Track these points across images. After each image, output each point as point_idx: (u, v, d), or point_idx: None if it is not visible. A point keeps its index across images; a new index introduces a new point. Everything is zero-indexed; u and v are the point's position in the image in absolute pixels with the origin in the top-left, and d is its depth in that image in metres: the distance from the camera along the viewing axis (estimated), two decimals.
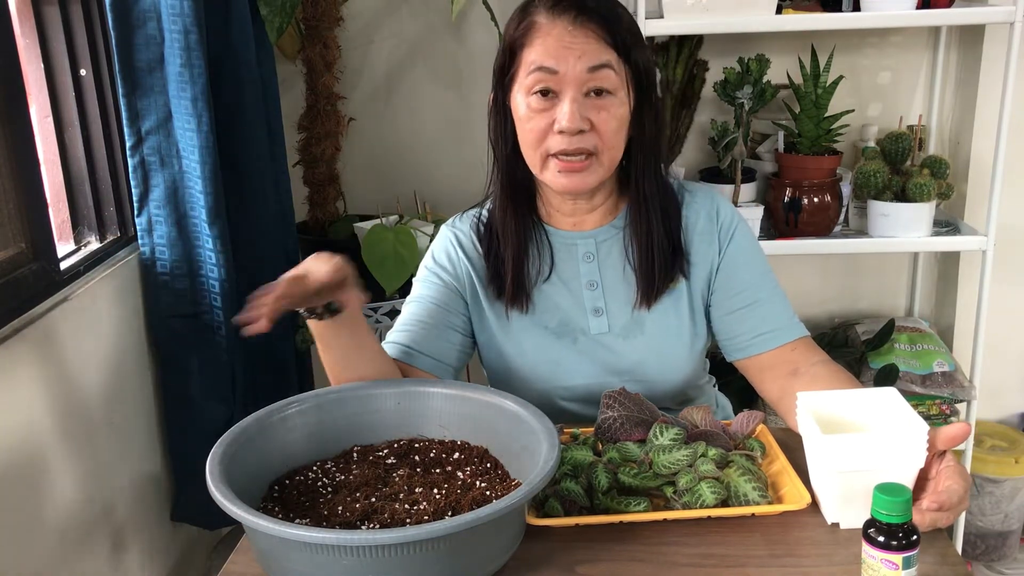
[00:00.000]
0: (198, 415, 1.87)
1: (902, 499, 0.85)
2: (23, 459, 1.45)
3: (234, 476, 0.96)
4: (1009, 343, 2.30)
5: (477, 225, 1.36)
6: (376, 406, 1.15)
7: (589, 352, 1.30)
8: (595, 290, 1.31)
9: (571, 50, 1.16)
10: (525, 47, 1.20)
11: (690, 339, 1.31)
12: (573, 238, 1.32)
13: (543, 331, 1.31)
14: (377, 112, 2.32)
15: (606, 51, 1.18)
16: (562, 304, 1.31)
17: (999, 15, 1.84)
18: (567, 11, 1.18)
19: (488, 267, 1.32)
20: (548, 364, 1.31)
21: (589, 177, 1.22)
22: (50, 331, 1.52)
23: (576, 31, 1.17)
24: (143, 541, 1.83)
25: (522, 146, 1.24)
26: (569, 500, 1.04)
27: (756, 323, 1.28)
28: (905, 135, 1.99)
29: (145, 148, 1.76)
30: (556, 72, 1.17)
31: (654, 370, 1.30)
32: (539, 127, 1.20)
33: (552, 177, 1.23)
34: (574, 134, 1.18)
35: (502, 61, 1.24)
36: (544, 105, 1.19)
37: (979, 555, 2.26)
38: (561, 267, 1.32)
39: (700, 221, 1.31)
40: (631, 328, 1.30)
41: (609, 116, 1.19)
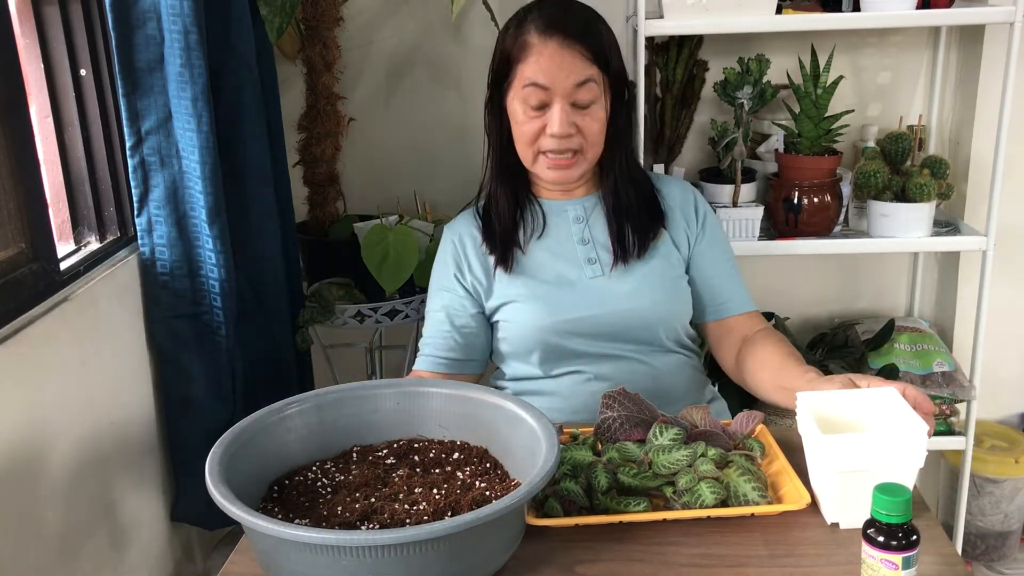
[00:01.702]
0: (198, 415, 1.87)
1: (902, 499, 0.85)
2: (23, 459, 1.45)
3: (234, 476, 0.96)
4: (1009, 343, 2.30)
5: (475, 215, 1.56)
6: (376, 406, 1.16)
7: (584, 290, 1.47)
8: (587, 245, 1.50)
9: (560, 69, 1.38)
10: (520, 62, 1.41)
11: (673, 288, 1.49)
12: (563, 205, 1.53)
13: (542, 283, 1.48)
14: (377, 112, 2.32)
15: (589, 67, 1.40)
16: (556, 261, 1.49)
17: (999, 15, 1.84)
18: (556, 34, 1.38)
19: (484, 236, 1.52)
20: (548, 304, 1.46)
21: (575, 171, 1.46)
22: (50, 331, 1.52)
23: (564, 51, 1.38)
24: (143, 541, 1.83)
25: (516, 143, 1.46)
26: (569, 500, 1.04)
27: (721, 292, 1.53)
28: (905, 135, 1.99)
29: (145, 148, 1.75)
30: (547, 88, 1.39)
31: (644, 301, 1.46)
32: (532, 130, 1.42)
33: (542, 170, 1.46)
34: (563, 138, 1.40)
35: (499, 67, 1.45)
36: (537, 113, 1.41)
37: (979, 555, 2.26)
38: (554, 229, 1.52)
39: (677, 197, 1.54)
40: (623, 272, 1.48)
41: (592, 120, 1.42)
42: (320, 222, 2.21)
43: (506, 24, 1.46)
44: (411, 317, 2.08)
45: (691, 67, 2.13)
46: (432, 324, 1.53)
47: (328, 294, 2.04)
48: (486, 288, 1.51)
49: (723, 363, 1.54)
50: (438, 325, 1.51)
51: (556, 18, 1.40)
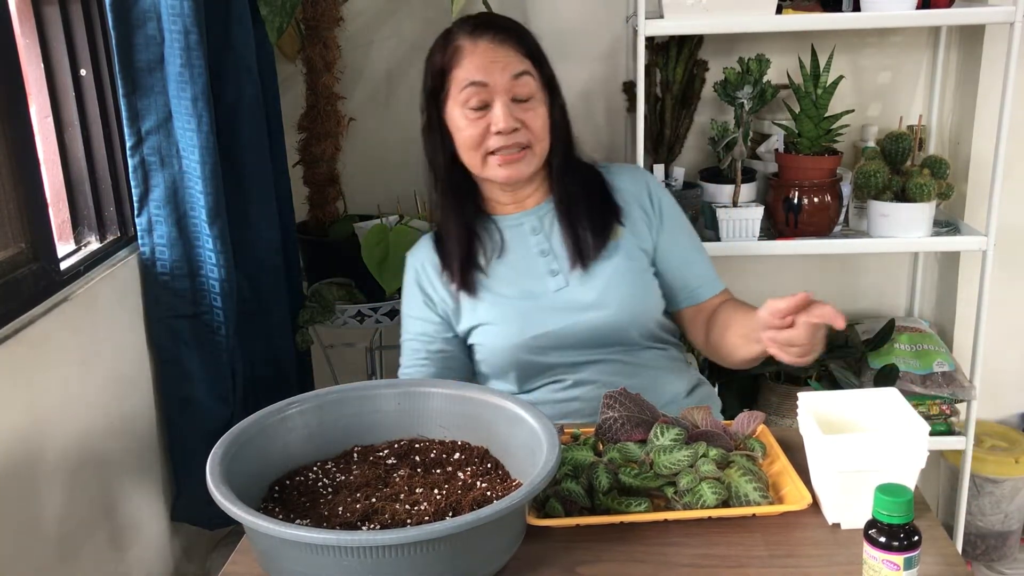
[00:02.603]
0: (198, 415, 1.87)
1: (903, 500, 0.85)
2: (23, 459, 1.44)
3: (234, 476, 0.96)
4: (1009, 343, 2.30)
5: (433, 240, 1.54)
6: (376, 406, 1.16)
7: (551, 304, 1.46)
8: (547, 256, 1.49)
9: (496, 63, 1.39)
10: (454, 68, 1.42)
11: (639, 281, 1.48)
12: (518, 218, 1.51)
13: (507, 300, 1.47)
14: (377, 112, 2.32)
15: (523, 61, 1.41)
16: (519, 276, 1.48)
17: (999, 15, 1.84)
18: (486, 32, 1.41)
19: (442, 264, 1.51)
20: (516, 323, 1.45)
21: (525, 167, 1.43)
22: (50, 331, 1.52)
23: (497, 47, 1.40)
24: (143, 541, 1.83)
25: (462, 151, 1.45)
26: (570, 500, 1.04)
27: (690, 278, 1.52)
28: (905, 135, 1.99)
29: (145, 148, 1.75)
30: (486, 84, 1.39)
31: (611, 305, 1.45)
32: (477, 132, 1.41)
33: (493, 171, 1.43)
34: (510, 133, 1.39)
35: (432, 84, 1.46)
36: (479, 115, 1.40)
37: (979, 555, 2.26)
38: (513, 244, 1.50)
39: (630, 189, 1.53)
40: (587, 277, 1.46)
41: (535, 115, 1.42)
42: (320, 222, 2.21)
43: (431, 48, 1.47)
44: None
45: (691, 67, 2.13)
46: (407, 353, 1.53)
47: (328, 294, 2.04)
48: (455, 311, 1.50)
49: (696, 342, 1.55)
50: (413, 354, 1.52)
51: (483, 20, 1.43)
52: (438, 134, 1.47)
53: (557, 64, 1.47)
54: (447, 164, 1.48)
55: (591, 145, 2.26)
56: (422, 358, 1.51)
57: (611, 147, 2.29)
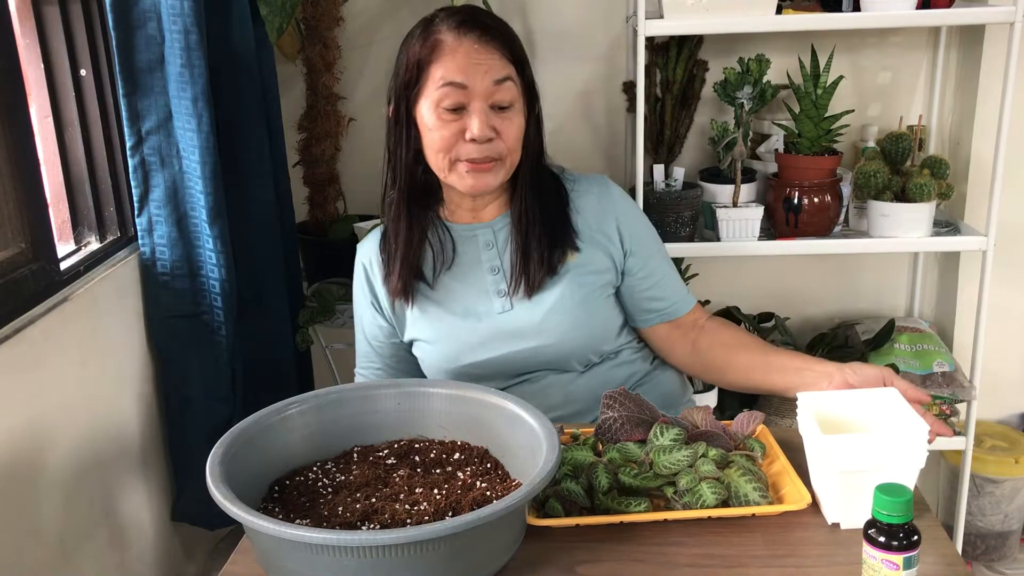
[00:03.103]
0: (198, 415, 1.87)
1: (903, 499, 0.85)
2: (23, 459, 1.44)
3: (234, 476, 0.96)
4: (1009, 343, 2.30)
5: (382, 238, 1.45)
6: (376, 406, 1.16)
7: (493, 328, 1.39)
8: (497, 274, 1.41)
9: (479, 65, 1.29)
10: (432, 63, 1.31)
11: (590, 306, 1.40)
12: (473, 229, 1.43)
13: (451, 316, 1.40)
14: (377, 112, 2.31)
15: (507, 66, 1.32)
16: (466, 290, 1.41)
17: (999, 15, 1.84)
18: (472, 31, 1.31)
19: (391, 272, 1.42)
20: (453, 347, 1.40)
21: (493, 179, 1.34)
22: (50, 331, 1.52)
23: (482, 49, 1.30)
24: (143, 541, 1.83)
25: (428, 152, 1.35)
26: (569, 500, 1.04)
27: (668, 294, 1.46)
28: (905, 135, 1.99)
29: (145, 148, 1.75)
30: (465, 87, 1.29)
31: (555, 333, 1.38)
32: (447, 135, 1.31)
33: (459, 179, 1.34)
34: (484, 142, 1.30)
35: (407, 76, 1.34)
36: (453, 117, 1.31)
37: (979, 555, 2.26)
38: (463, 257, 1.42)
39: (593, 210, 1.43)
40: (533, 303, 1.39)
41: (511, 125, 1.33)
42: (320, 222, 2.21)
43: (408, 33, 1.37)
44: None
45: (691, 67, 2.13)
46: (360, 350, 1.50)
47: (328, 294, 2.04)
48: (399, 322, 1.45)
49: (673, 357, 1.48)
50: (366, 353, 1.49)
51: (470, 16, 1.33)
52: (404, 128, 1.36)
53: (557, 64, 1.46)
54: (409, 162, 1.38)
55: (591, 145, 2.28)
56: (375, 364, 1.48)
57: (611, 147, 2.29)
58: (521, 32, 2.20)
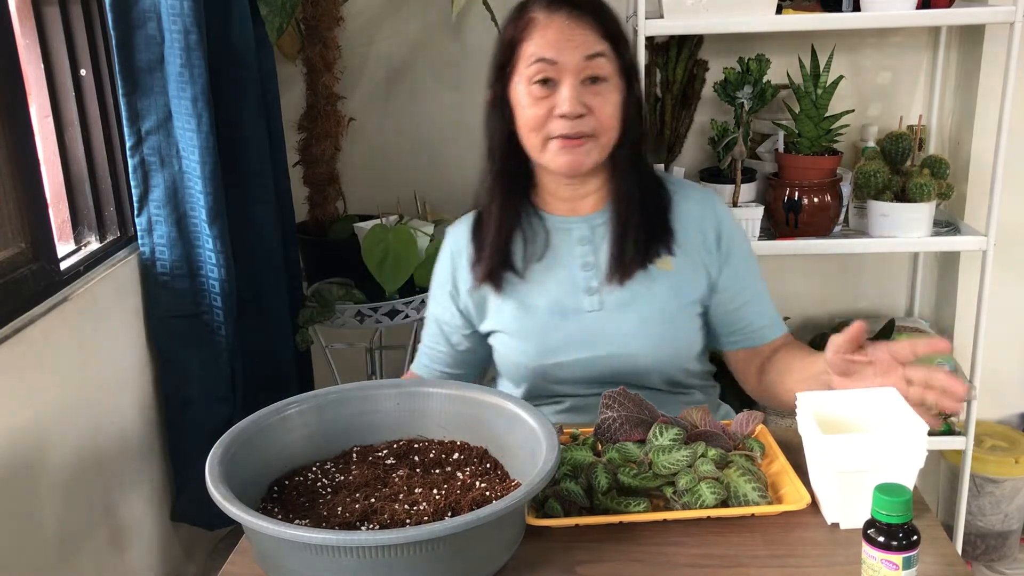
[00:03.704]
0: (198, 415, 1.87)
1: (902, 499, 0.85)
2: (23, 458, 1.44)
3: (234, 476, 0.96)
4: (1009, 343, 2.30)
5: (474, 223, 1.42)
6: (376, 407, 1.15)
7: (580, 328, 1.35)
8: (589, 271, 1.36)
9: (570, 41, 1.25)
10: (524, 41, 1.28)
11: (678, 320, 1.36)
12: (568, 223, 1.38)
13: (535, 310, 1.36)
14: (377, 112, 2.32)
15: (599, 42, 1.26)
16: (556, 285, 1.36)
17: (999, 15, 1.84)
18: (563, 7, 1.27)
19: (482, 255, 1.38)
20: (536, 343, 1.35)
21: (587, 157, 1.29)
22: (50, 331, 1.52)
23: (573, 24, 1.26)
24: (143, 541, 1.83)
25: (522, 131, 1.31)
26: (569, 500, 1.04)
27: (756, 317, 1.39)
28: (905, 135, 1.99)
29: (145, 148, 1.76)
30: (556, 62, 1.25)
31: (643, 343, 1.34)
32: (540, 113, 1.27)
33: (552, 157, 1.29)
34: (574, 118, 1.26)
35: (501, 57, 1.32)
36: (544, 93, 1.27)
37: (979, 555, 2.26)
38: (557, 249, 1.37)
39: (694, 217, 1.38)
40: (623, 306, 1.34)
41: (604, 101, 1.27)
42: (320, 222, 2.21)
43: (505, 18, 1.34)
44: (411, 317, 2.08)
45: (691, 67, 2.13)
46: (429, 334, 1.47)
47: (328, 294, 2.05)
48: (479, 310, 1.41)
49: (745, 384, 1.44)
50: (434, 337, 1.46)
51: None
52: (500, 111, 1.33)
53: None
54: (505, 145, 1.34)
55: None
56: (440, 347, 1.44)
57: None
58: None
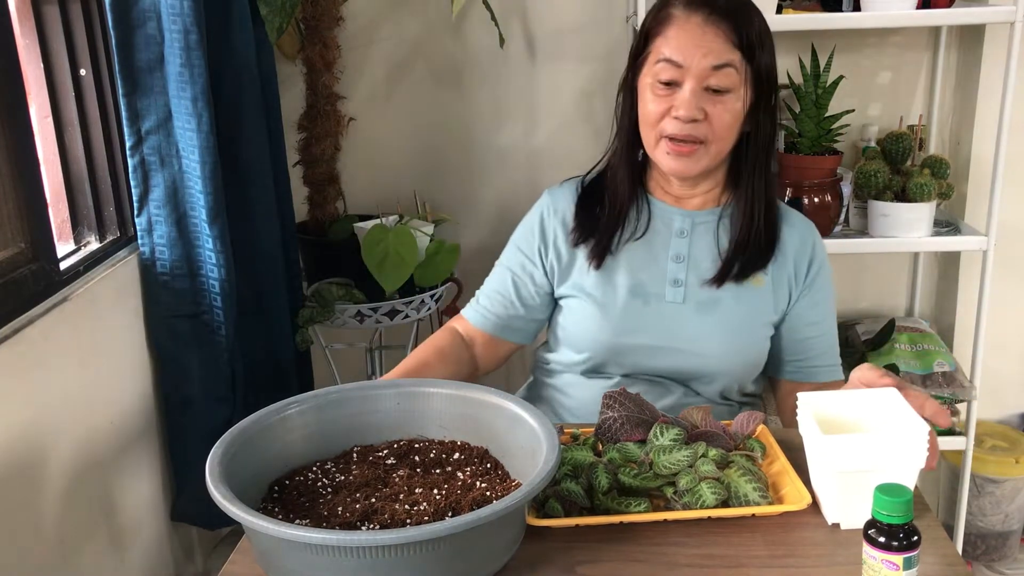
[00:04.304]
0: (198, 415, 1.87)
1: (903, 500, 0.85)
2: (23, 459, 1.44)
3: (234, 476, 0.96)
4: (1009, 343, 2.30)
5: (577, 188, 1.44)
6: (376, 406, 1.15)
7: (657, 315, 1.36)
8: (680, 263, 1.37)
9: (699, 47, 1.25)
10: (659, 36, 1.29)
11: (753, 337, 1.37)
12: (672, 213, 1.40)
13: (616, 287, 1.37)
14: (377, 112, 2.32)
15: (731, 51, 1.26)
16: (644, 267, 1.37)
17: (999, 15, 1.84)
18: (701, 8, 1.26)
19: (577, 219, 1.40)
20: (613, 319, 1.36)
21: (695, 164, 1.30)
22: (50, 331, 1.52)
23: (707, 28, 1.25)
24: (143, 541, 1.83)
25: (641, 123, 1.33)
26: (569, 501, 1.04)
27: (817, 355, 1.40)
28: (905, 135, 1.99)
29: (145, 148, 1.75)
30: (681, 66, 1.26)
31: (715, 349, 1.35)
32: (658, 110, 1.29)
33: (662, 157, 1.32)
34: (688, 122, 1.26)
35: (636, 45, 1.34)
36: (666, 92, 1.28)
37: (979, 555, 2.26)
38: (653, 235, 1.39)
39: (795, 243, 1.39)
40: (705, 306, 1.35)
41: (724, 110, 1.27)
42: (320, 222, 2.21)
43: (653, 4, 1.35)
44: (411, 317, 2.07)
45: None
46: (497, 279, 1.46)
47: (328, 294, 2.04)
48: (563, 272, 1.41)
49: (782, 415, 1.45)
50: (502, 284, 1.45)
51: None
52: (628, 95, 1.36)
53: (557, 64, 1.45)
54: (628, 129, 1.37)
55: (591, 145, 2.28)
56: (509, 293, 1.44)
57: None
58: (521, 32, 2.21)
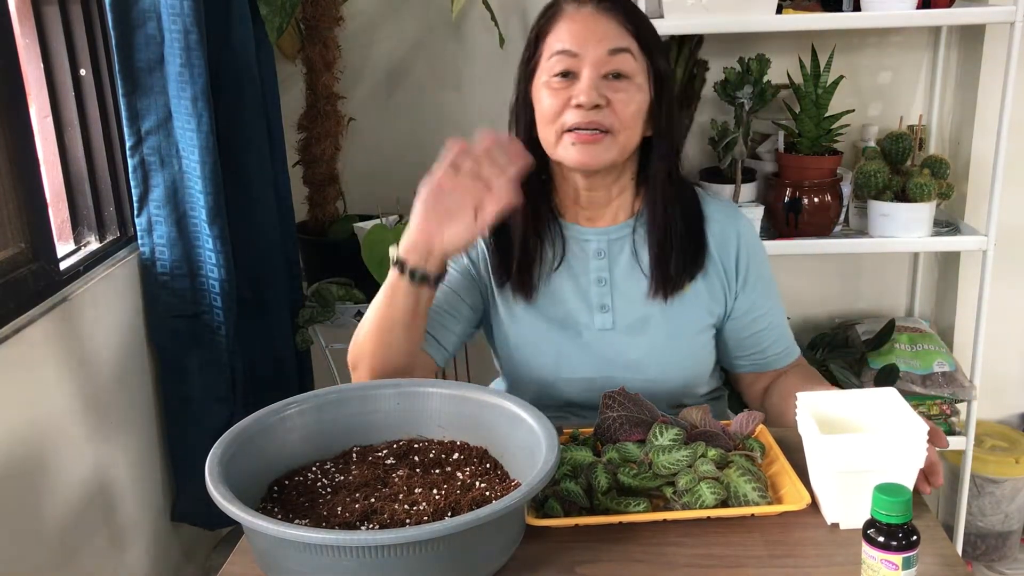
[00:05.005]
0: (198, 415, 1.87)
1: (902, 499, 0.85)
2: (23, 459, 1.45)
3: (234, 476, 0.96)
4: (1009, 343, 2.30)
5: None
6: (375, 406, 1.15)
7: (591, 346, 1.31)
8: (603, 286, 1.31)
9: (593, 33, 1.21)
10: (549, 33, 1.25)
11: (693, 346, 1.33)
12: (586, 234, 1.33)
13: (547, 321, 1.32)
14: (377, 112, 2.32)
15: (626, 37, 1.22)
16: (569, 297, 1.32)
17: (999, 15, 1.84)
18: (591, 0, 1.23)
19: (494, 255, 1.33)
20: (550, 355, 1.32)
21: (603, 153, 1.22)
22: (50, 331, 1.52)
23: (599, 16, 1.22)
24: (143, 541, 1.83)
25: (540, 127, 1.26)
26: (569, 501, 1.04)
27: (769, 344, 1.36)
28: (905, 135, 1.99)
29: (145, 148, 1.76)
30: (577, 54, 1.21)
31: (655, 370, 1.31)
32: (556, 104, 1.22)
33: (565, 151, 1.23)
34: (590, 108, 1.20)
35: (527, 52, 1.28)
36: (563, 84, 1.22)
37: (979, 555, 2.25)
38: (572, 260, 1.33)
39: (718, 236, 1.32)
40: (635, 327, 1.31)
41: (627, 98, 1.21)
42: (320, 222, 2.21)
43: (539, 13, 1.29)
44: None
45: (691, 67, 2.13)
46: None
47: (328, 294, 2.05)
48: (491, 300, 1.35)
49: (750, 402, 1.42)
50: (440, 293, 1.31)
51: None
52: (522, 110, 1.28)
53: None
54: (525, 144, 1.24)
55: None
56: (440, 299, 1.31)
57: None
58: (521, 32, 2.21)
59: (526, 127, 1.28)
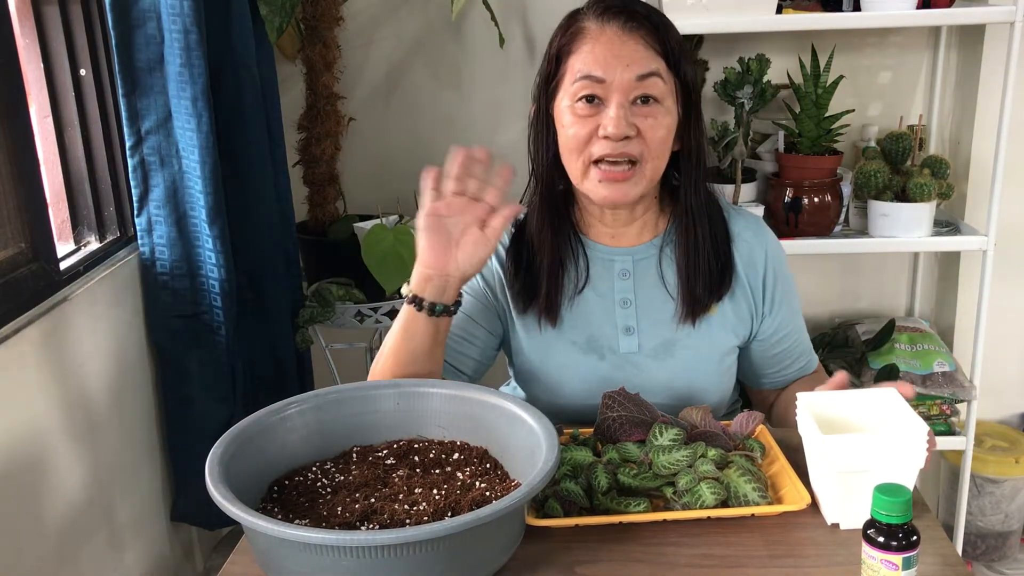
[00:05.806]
0: (198, 415, 1.87)
1: (902, 500, 0.85)
2: (23, 459, 1.45)
3: (234, 476, 0.96)
4: (1009, 343, 2.30)
5: (509, 233, 1.31)
6: (376, 407, 1.15)
7: (616, 370, 1.27)
8: (628, 308, 1.27)
9: (620, 58, 1.15)
10: (572, 54, 1.18)
11: (719, 368, 1.30)
12: (611, 254, 1.28)
13: (570, 345, 1.28)
14: (377, 112, 2.32)
15: (655, 59, 1.16)
16: (593, 320, 1.28)
17: (999, 15, 1.84)
18: (616, 17, 1.16)
19: (517, 278, 1.28)
20: (575, 380, 1.28)
21: (631, 189, 1.19)
22: (50, 331, 1.52)
23: (626, 37, 1.16)
24: (143, 541, 1.83)
25: (563, 153, 1.21)
26: (569, 501, 1.04)
27: (792, 361, 1.35)
28: (905, 135, 1.99)
29: (145, 148, 1.76)
30: (603, 81, 1.15)
31: (681, 395, 1.27)
32: (582, 133, 1.17)
33: (592, 187, 1.19)
34: (619, 140, 1.15)
35: (548, 69, 1.22)
36: (589, 111, 1.17)
37: (979, 555, 2.26)
38: (596, 282, 1.28)
39: (746, 254, 1.29)
40: (661, 350, 1.27)
41: (656, 124, 1.17)
42: (320, 222, 2.21)
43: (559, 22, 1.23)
44: None
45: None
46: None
47: (328, 294, 2.05)
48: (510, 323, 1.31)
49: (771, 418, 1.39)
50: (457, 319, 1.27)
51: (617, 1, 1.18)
52: (544, 128, 1.23)
53: None
54: (549, 166, 1.23)
55: None
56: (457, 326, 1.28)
57: None
58: (521, 32, 2.21)
59: (548, 146, 1.23)
